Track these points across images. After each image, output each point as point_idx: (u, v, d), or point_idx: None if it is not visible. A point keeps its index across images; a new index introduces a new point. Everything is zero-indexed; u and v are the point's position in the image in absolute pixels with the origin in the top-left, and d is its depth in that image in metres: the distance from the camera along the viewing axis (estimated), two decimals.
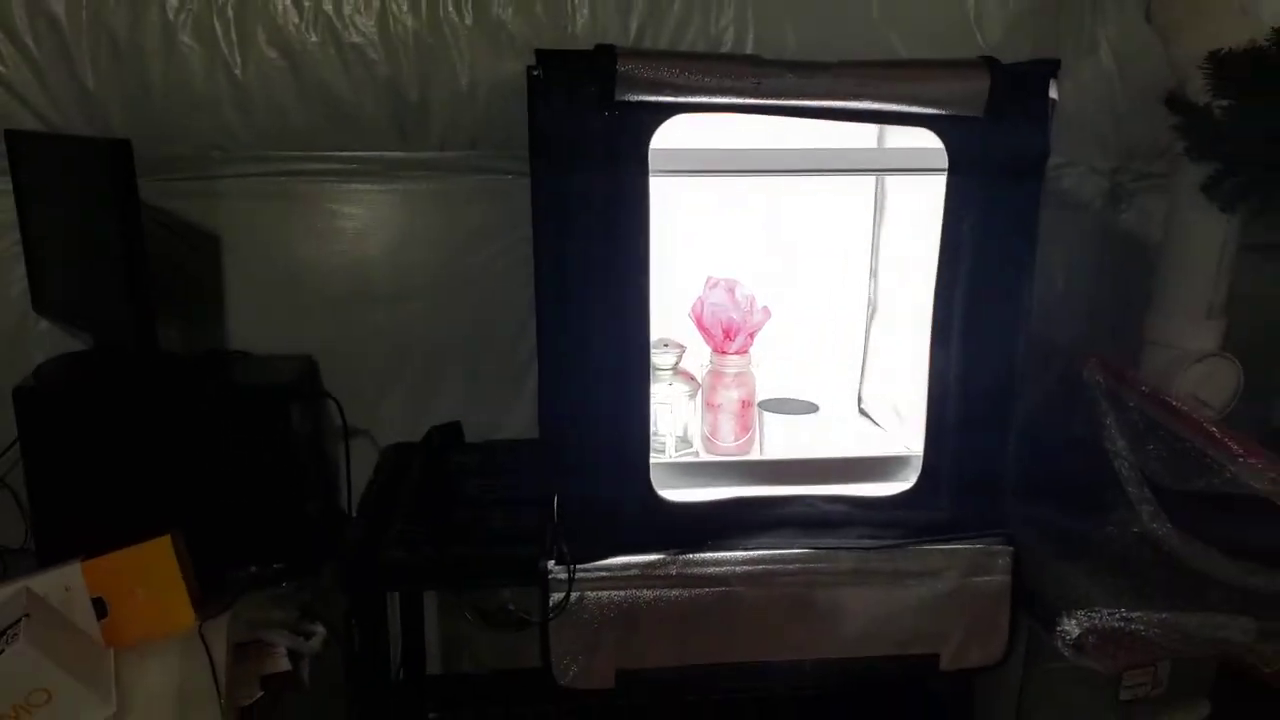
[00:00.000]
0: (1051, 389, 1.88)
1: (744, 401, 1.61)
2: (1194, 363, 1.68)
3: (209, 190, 1.75)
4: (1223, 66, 1.55)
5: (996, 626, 1.36)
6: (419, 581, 1.34)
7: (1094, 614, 1.39)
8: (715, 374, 1.62)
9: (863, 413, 1.76)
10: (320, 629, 1.51)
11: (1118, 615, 1.39)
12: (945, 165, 1.23)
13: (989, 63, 1.20)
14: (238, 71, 1.67)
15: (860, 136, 1.43)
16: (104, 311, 1.53)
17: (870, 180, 1.60)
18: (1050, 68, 1.21)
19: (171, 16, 1.64)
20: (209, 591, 1.46)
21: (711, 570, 1.30)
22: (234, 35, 1.66)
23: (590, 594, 1.29)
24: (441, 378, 1.83)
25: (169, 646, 1.30)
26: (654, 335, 1.54)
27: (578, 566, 1.28)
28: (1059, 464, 1.82)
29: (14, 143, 1.61)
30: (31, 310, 1.73)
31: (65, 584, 1.33)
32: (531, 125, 1.20)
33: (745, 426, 1.61)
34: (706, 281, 1.60)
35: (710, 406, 1.62)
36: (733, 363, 1.61)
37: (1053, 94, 1.21)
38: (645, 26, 1.72)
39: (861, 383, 1.77)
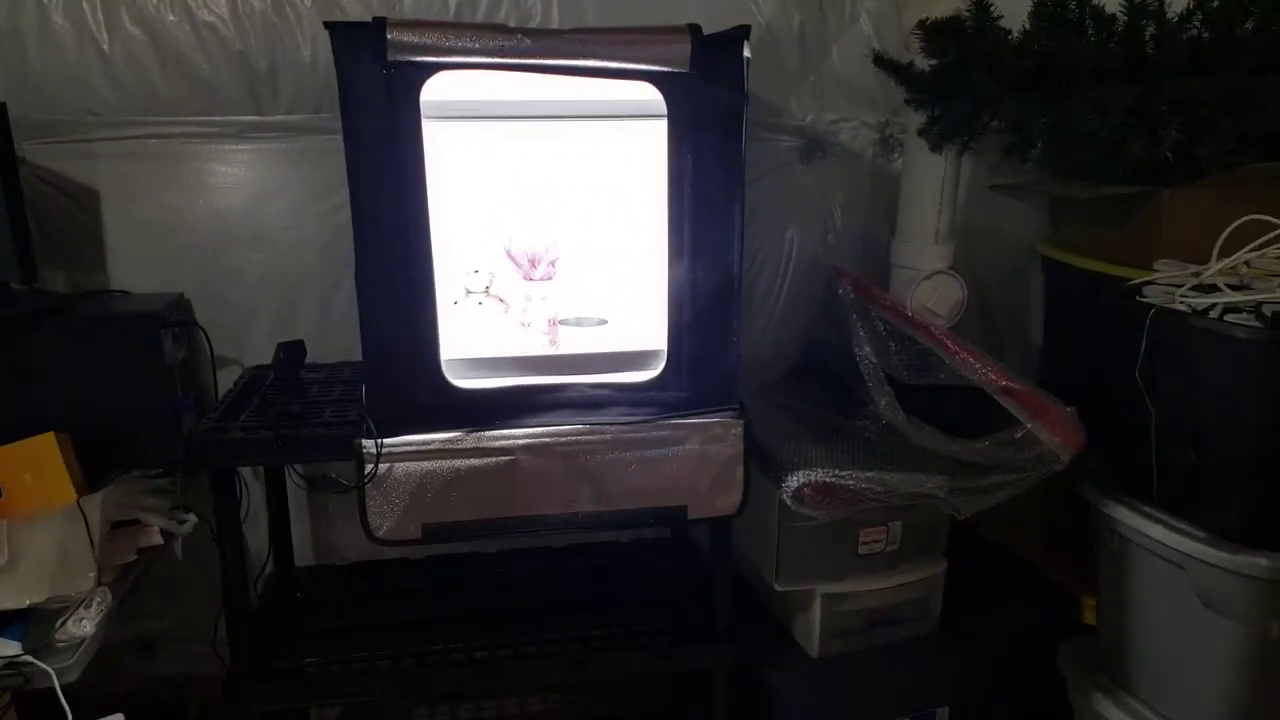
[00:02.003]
0: (821, 305, 2.23)
1: (550, 320, 1.93)
2: (924, 279, 2.03)
3: (88, 152, 2.01)
4: (929, 32, 1.89)
5: (733, 483, 1.69)
6: (254, 455, 1.63)
7: (812, 472, 1.74)
8: (526, 298, 1.93)
9: None
10: (191, 516, 1.81)
11: (831, 473, 1.74)
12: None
13: (691, 29, 1.51)
14: (105, 47, 1.93)
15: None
16: None
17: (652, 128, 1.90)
18: (742, 32, 1.53)
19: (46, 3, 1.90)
20: (101, 483, 1.75)
21: (500, 444, 1.62)
22: (100, 15, 1.92)
23: (398, 465, 1.59)
24: (299, 310, 2.12)
25: (53, 517, 1.59)
26: (473, 264, 1.87)
27: (385, 442, 1.58)
28: (830, 366, 2.18)
29: None
30: None
31: None
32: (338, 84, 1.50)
33: (552, 341, 1.93)
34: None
35: (522, 325, 1.93)
36: (539, 288, 1.92)
37: (746, 54, 1.53)
38: (463, 5, 2.02)
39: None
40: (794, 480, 1.72)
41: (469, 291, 1.86)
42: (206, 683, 2.15)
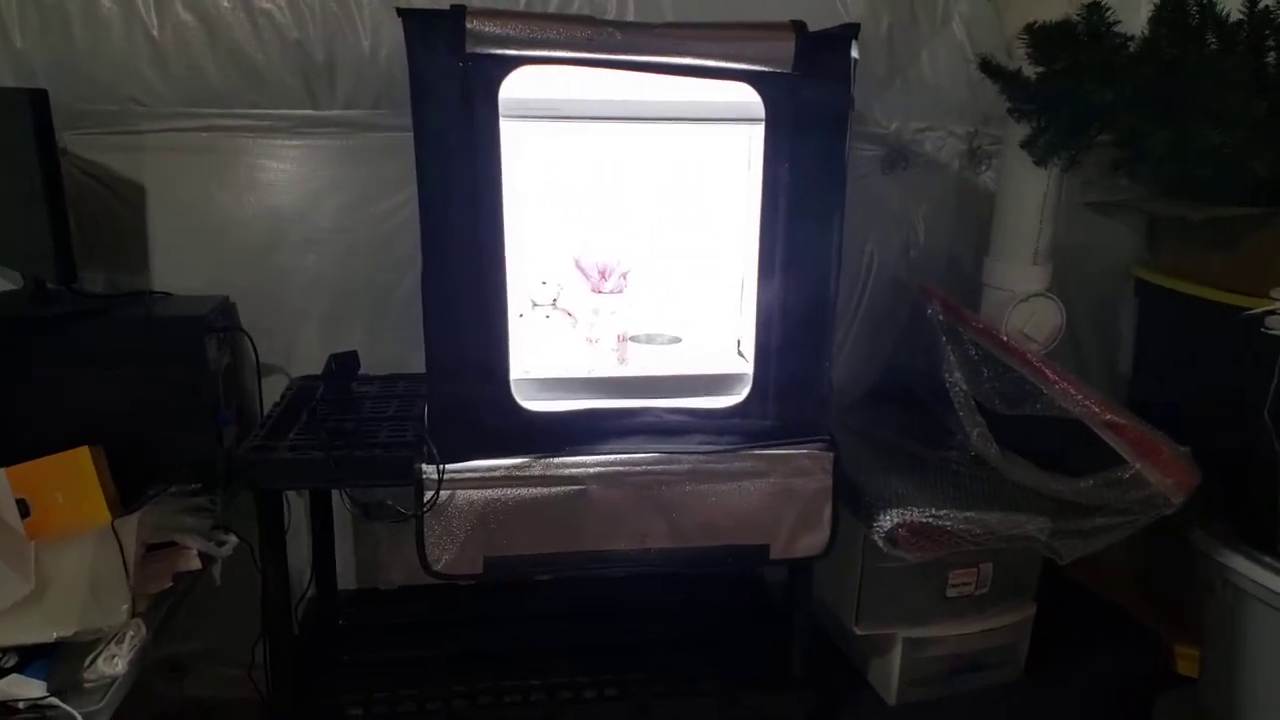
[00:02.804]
0: (905, 326, 2.08)
1: (619, 336, 1.80)
2: (1020, 302, 1.89)
3: (134, 145, 1.90)
4: (1037, 37, 1.75)
5: (820, 522, 1.55)
6: (304, 477, 1.51)
7: (906, 511, 1.60)
8: (594, 311, 1.80)
9: (741, 354, 1.95)
10: (232, 538, 1.69)
11: (927, 512, 1.60)
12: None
13: (796, 26, 1.38)
14: (155, 33, 1.82)
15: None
16: (29, 251, 1.68)
17: (743, 131, 1.76)
18: (851, 31, 1.40)
19: None
20: (136, 503, 1.64)
21: (569, 471, 1.49)
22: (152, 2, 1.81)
23: (460, 492, 1.47)
24: (350, 318, 2.00)
25: (84, 540, 1.47)
26: (542, 274, 1.74)
27: (448, 467, 1.45)
28: (914, 391, 2.03)
29: None
30: None
31: None
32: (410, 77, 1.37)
33: (621, 358, 1.80)
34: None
35: (589, 341, 1.80)
36: (608, 302, 1.80)
37: (854, 54, 1.40)
38: None
39: (741, 324, 1.96)
40: (887, 520, 1.58)
41: (535, 304, 1.73)
42: (237, 708, 2.03)
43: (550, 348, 1.74)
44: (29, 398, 1.70)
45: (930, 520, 1.58)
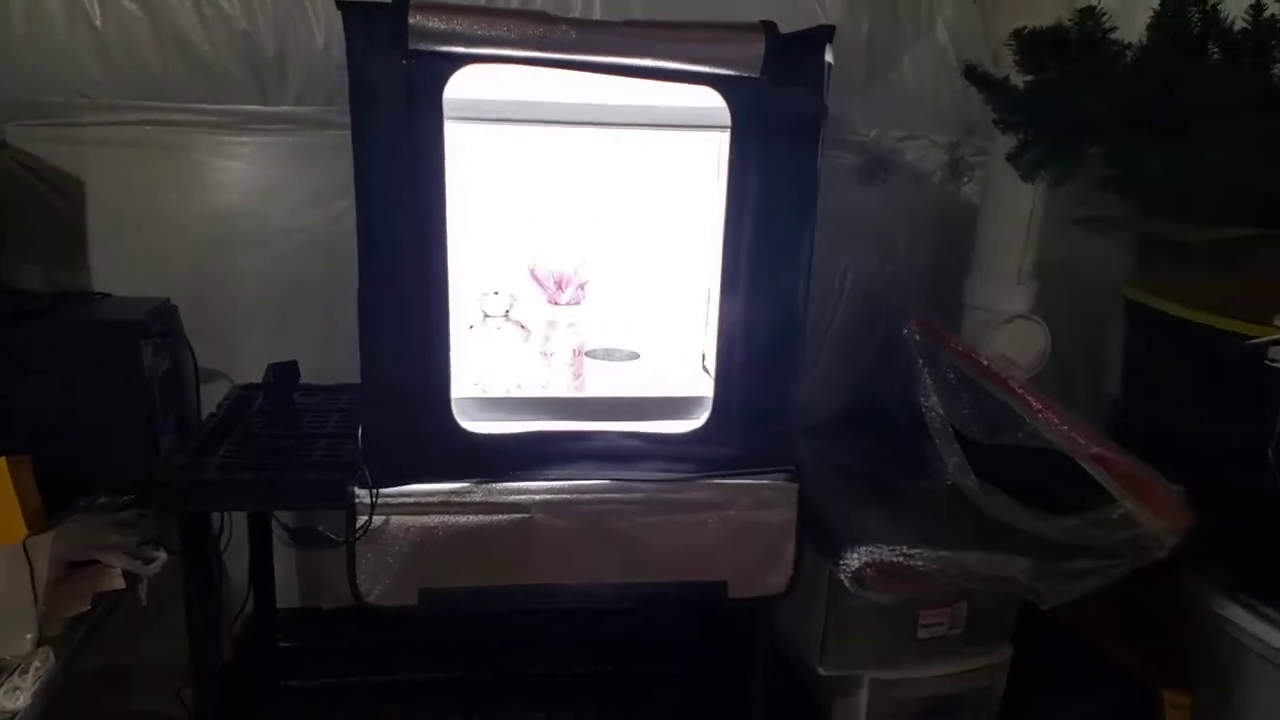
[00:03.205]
0: (881, 346, 1.98)
1: (575, 350, 1.70)
2: (1003, 324, 1.79)
3: (76, 138, 1.81)
4: (1026, 43, 1.65)
5: (782, 558, 1.46)
6: (231, 500, 1.40)
7: (875, 549, 1.50)
8: (549, 324, 1.70)
9: (705, 370, 1.85)
10: (161, 554, 1.58)
11: (899, 551, 1.50)
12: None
13: (766, 26, 1.28)
14: (98, 22, 1.72)
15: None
16: None
17: (712, 139, 1.67)
18: (825, 33, 1.30)
19: None
20: (59, 517, 1.53)
21: (513, 498, 1.39)
22: None
23: (395, 518, 1.37)
24: (299, 323, 1.90)
25: None
26: (492, 285, 1.64)
27: (382, 492, 1.36)
28: (889, 416, 1.94)
29: None
30: None
31: None
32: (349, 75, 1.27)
33: (577, 373, 1.70)
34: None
35: (544, 355, 1.70)
36: (565, 314, 1.70)
37: (828, 58, 1.30)
38: None
39: (706, 337, 1.86)
40: (854, 559, 1.49)
41: (486, 315, 1.64)
42: None
43: (500, 362, 1.65)
44: None
45: (900, 560, 1.49)
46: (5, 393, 1.59)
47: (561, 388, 1.65)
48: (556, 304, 1.69)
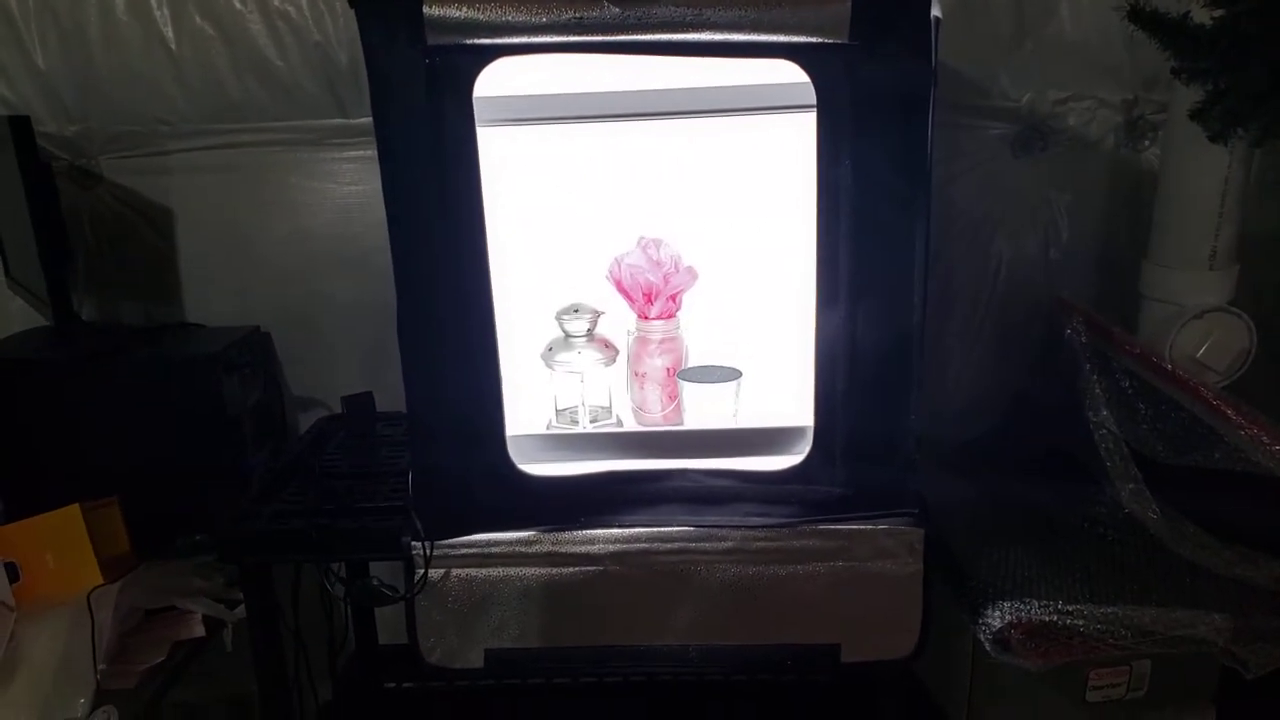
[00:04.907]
0: (1040, 348, 1.68)
1: (669, 369, 1.51)
2: (1191, 319, 1.46)
3: (162, 167, 1.78)
4: None
5: (905, 616, 1.21)
6: (282, 552, 1.30)
7: (1023, 605, 1.23)
8: (641, 340, 1.52)
9: None
10: None
11: (1052, 607, 1.23)
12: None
13: None
14: (173, 46, 1.68)
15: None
16: (37, 285, 1.57)
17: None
18: None
19: None
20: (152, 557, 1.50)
21: (583, 549, 1.22)
22: (166, 9, 1.66)
23: (456, 571, 1.23)
24: (392, 345, 1.80)
25: (65, 612, 1.33)
26: (571, 299, 1.48)
27: (442, 543, 1.22)
28: (1050, 431, 1.64)
29: None
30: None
31: None
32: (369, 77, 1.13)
33: (672, 395, 1.51)
34: (638, 242, 1.50)
35: (636, 375, 1.52)
36: (657, 328, 1.51)
37: (935, 12, 1.05)
38: None
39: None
40: (997, 616, 1.22)
41: (569, 336, 1.47)
42: None
43: (584, 389, 1.48)
44: (47, 445, 1.60)
45: (1055, 620, 1.21)
46: (94, 433, 1.58)
47: (653, 414, 1.47)
48: (646, 318, 1.50)
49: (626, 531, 1.22)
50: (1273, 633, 1.25)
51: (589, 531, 1.22)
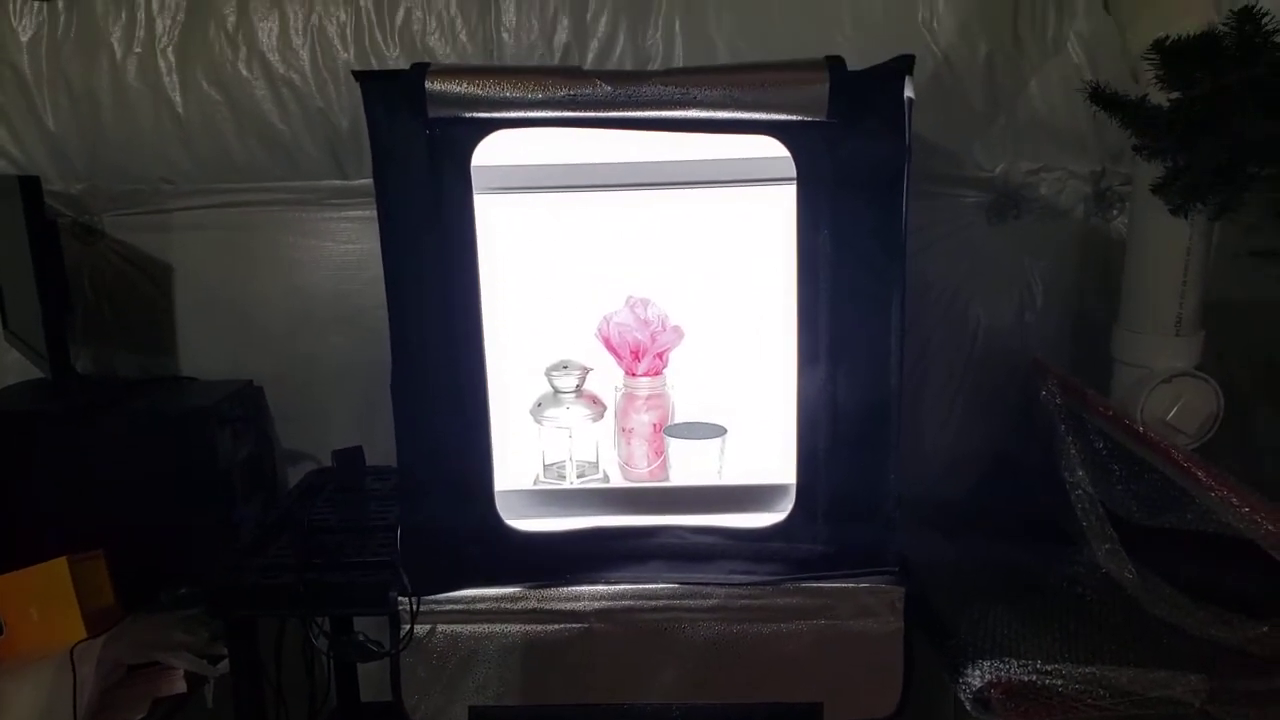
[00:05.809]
0: (1016, 410, 1.73)
1: (656, 425, 1.54)
2: (1160, 383, 1.51)
3: (163, 224, 1.82)
4: (1168, 55, 1.39)
5: (886, 674, 1.24)
6: (268, 606, 1.31)
7: (1003, 664, 1.25)
8: (628, 396, 1.56)
9: None
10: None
11: (1032, 667, 1.25)
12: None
13: (830, 62, 1.10)
14: (180, 110, 1.73)
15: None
16: (34, 338, 1.60)
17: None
18: (903, 64, 1.11)
19: (119, 60, 1.72)
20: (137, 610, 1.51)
21: (568, 605, 1.24)
22: (175, 76, 1.72)
23: (442, 627, 1.25)
24: (384, 402, 1.83)
25: (46, 666, 1.33)
26: (560, 356, 1.52)
27: (428, 599, 1.24)
28: (1027, 493, 1.68)
29: None
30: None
31: None
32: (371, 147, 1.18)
33: (658, 451, 1.55)
34: (626, 301, 1.55)
35: (624, 431, 1.56)
36: (644, 385, 1.55)
37: (908, 93, 1.11)
38: (570, 46, 1.69)
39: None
40: (977, 675, 1.24)
41: (559, 392, 1.50)
42: None
43: (572, 445, 1.51)
44: (37, 497, 1.61)
45: (1034, 679, 1.23)
46: (84, 485, 1.59)
47: (640, 469, 1.50)
48: (634, 375, 1.54)
49: (612, 588, 1.24)
50: (1248, 694, 1.27)
51: (574, 588, 1.24)
